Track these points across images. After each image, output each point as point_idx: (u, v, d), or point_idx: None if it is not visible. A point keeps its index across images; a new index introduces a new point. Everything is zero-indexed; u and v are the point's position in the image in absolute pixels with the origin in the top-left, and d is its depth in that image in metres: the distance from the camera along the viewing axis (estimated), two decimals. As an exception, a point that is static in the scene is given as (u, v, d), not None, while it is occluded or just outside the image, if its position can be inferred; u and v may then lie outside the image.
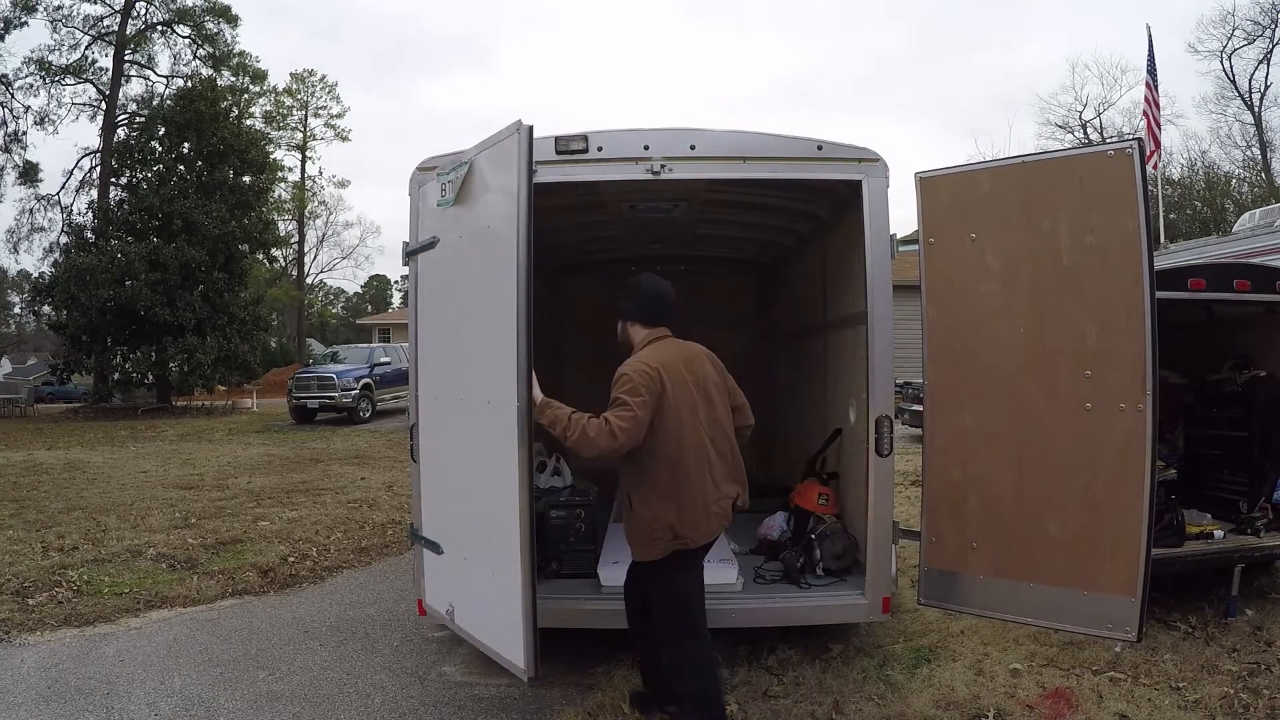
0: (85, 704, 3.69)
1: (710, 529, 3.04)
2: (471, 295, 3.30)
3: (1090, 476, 3.23)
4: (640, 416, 2.88)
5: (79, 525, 7.37)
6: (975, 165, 3.82)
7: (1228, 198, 29.97)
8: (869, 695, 3.55)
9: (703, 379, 3.13)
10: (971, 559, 3.51)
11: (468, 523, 3.39)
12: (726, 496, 3.09)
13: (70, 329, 23.01)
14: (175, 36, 29.66)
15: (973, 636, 4.18)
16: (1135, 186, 3.13)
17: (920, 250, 3.62)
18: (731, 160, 3.82)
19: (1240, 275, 4.42)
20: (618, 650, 3.94)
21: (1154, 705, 3.39)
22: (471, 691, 3.76)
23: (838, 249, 4.77)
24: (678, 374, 3.05)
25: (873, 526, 3.76)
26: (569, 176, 3.84)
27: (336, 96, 44.66)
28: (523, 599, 2.93)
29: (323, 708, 3.63)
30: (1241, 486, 4.82)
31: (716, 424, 3.11)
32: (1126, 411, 3.14)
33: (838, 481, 4.70)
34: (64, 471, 11.16)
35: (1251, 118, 30.85)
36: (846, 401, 4.52)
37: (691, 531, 2.98)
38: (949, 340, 3.57)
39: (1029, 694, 3.54)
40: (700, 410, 3.06)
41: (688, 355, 3.17)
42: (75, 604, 5.06)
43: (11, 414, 23.42)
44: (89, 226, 25.06)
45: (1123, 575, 3.15)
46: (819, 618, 3.98)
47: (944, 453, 3.59)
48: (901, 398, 12.23)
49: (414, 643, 4.41)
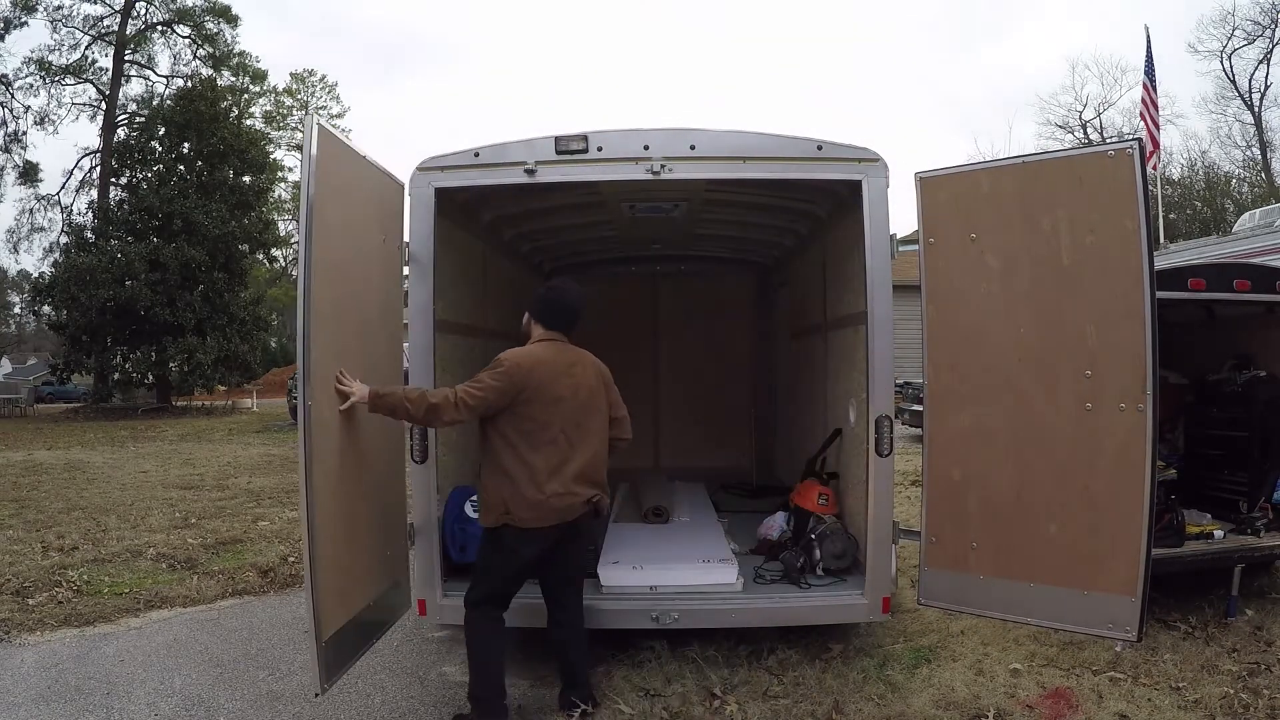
0: (85, 704, 3.69)
1: (544, 518, 3.24)
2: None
3: (1090, 476, 3.23)
4: (489, 398, 3.18)
5: (79, 525, 7.37)
6: (975, 165, 3.82)
7: (1228, 198, 29.97)
8: (869, 695, 3.55)
9: (579, 386, 3.36)
10: (971, 559, 3.51)
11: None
12: (574, 494, 3.29)
13: (70, 329, 23.03)
14: (175, 36, 29.70)
15: (973, 636, 4.18)
16: (1135, 186, 3.14)
17: (920, 250, 3.62)
18: (731, 160, 3.82)
19: (1240, 275, 4.42)
20: (617, 650, 3.94)
21: (1154, 705, 3.39)
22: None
23: (838, 249, 4.77)
24: (550, 374, 3.29)
25: (873, 526, 3.76)
26: (569, 176, 3.84)
27: (336, 96, 44.50)
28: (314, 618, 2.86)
29: (323, 708, 3.63)
30: (1241, 486, 4.82)
31: (581, 428, 3.34)
32: (1126, 411, 3.14)
33: (838, 481, 4.70)
34: (64, 471, 11.17)
35: (1251, 118, 30.87)
36: (846, 401, 4.52)
37: (522, 512, 3.21)
38: (949, 340, 3.57)
39: (1029, 694, 3.54)
40: (565, 411, 3.30)
41: (570, 361, 3.40)
42: (75, 604, 5.06)
43: (11, 414, 23.44)
44: (89, 226, 25.10)
45: (1123, 575, 3.15)
46: (819, 618, 3.98)
47: (944, 453, 3.59)
48: (901, 398, 12.24)
49: (414, 643, 4.41)
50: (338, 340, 3.13)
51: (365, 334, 3.42)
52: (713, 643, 3.98)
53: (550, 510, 3.23)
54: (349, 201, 3.26)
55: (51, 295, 23.39)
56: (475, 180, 3.87)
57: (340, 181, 3.16)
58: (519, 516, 3.22)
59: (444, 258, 4.00)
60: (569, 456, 3.29)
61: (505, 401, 3.21)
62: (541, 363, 3.30)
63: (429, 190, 3.79)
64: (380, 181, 3.61)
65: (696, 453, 7.60)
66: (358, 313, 3.35)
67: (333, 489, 3.05)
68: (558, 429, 3.27)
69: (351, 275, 3.27)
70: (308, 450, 2.87)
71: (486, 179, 3.87)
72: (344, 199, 3.20)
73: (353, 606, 3.19)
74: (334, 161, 3.10)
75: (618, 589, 3.98)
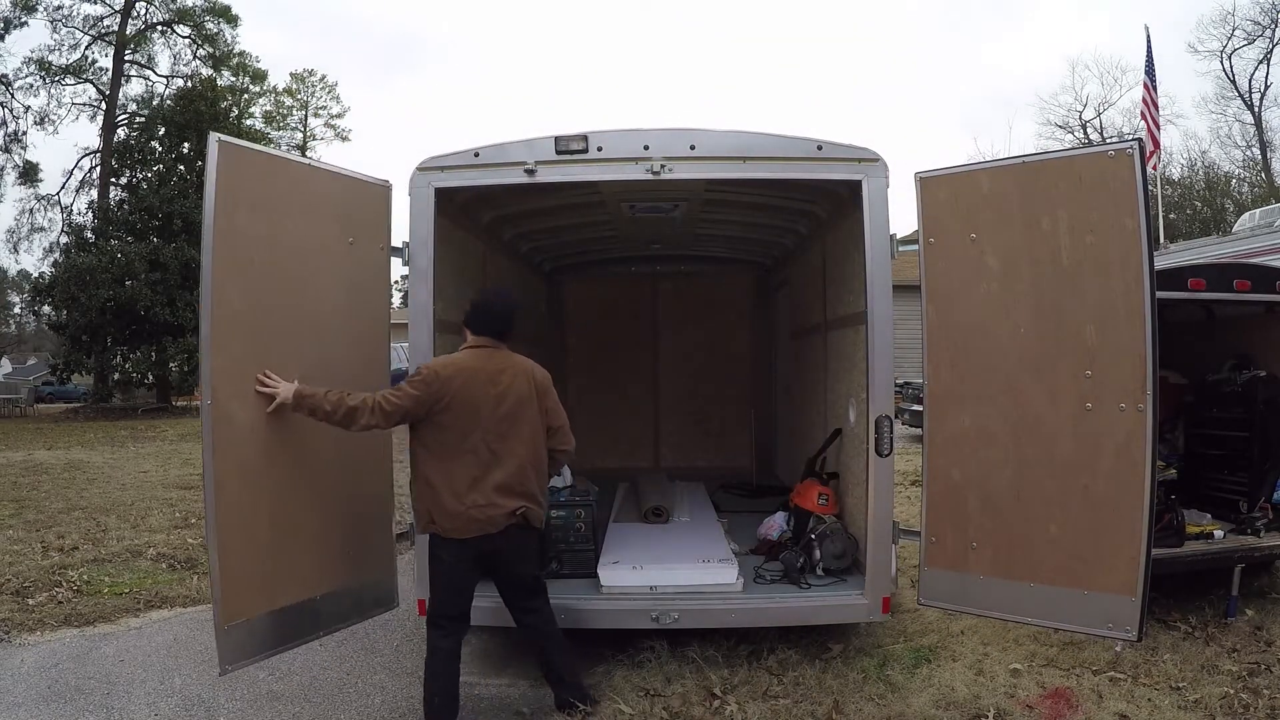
0: (85, 704, 3.69)
1: (465, 529, 3.20)
2: None
3: (1090, 476, 3.23)
4: (405, 405, 3.19)
5: (79, 525, 7.37)
6: (975, 165, 3.83)
7: (1228, 198, 29.95)
8: (869, 695, 3.55)
9: (505, 395, 3.28)
10: (971, 559, 3.51)
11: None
12: (495, 505, 3.21)
13: (70, 329, 22.99)
14: (175, 36, 29.63)
15: (973, 636, 4.18)
16: (1135, 186, 3.14)
17: (920, 250, 3.62)
18: (731, 160, 3.82)
19: (1240, 275, 4.43)
20: (617, 650, 3.94)
21: (1154, 705, 3.39)
22: (471, 691, 3.76)
23: (838, 249, 4.77)
24: (473, 381, 3.25)
25: (873, 526, 3.76)
26: (569, 176, 3.84)
27: (336, 96, 44.52)
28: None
29: (323, 708, 3.63)
30: (1241, 486, 4.82)
31: (505, 438, 3.26)
32: (1126, 411, 3.14)
33: (838, 481, 4.70)
34: (64, 471, 11.16)
35: (1251, 118, 30.82)
36: (846, 401, 4.52)
37: (445, 521, 3.21)
38: (949, 340, 3.57)
39: (1029, 694, 3.54)
40: (486, 420, 3.23)
41: (498, 368, 3.33)
42: (75, 604, 5.06)
43: (11, 414, 23.42)
44: (89, 226, 25.06)
45: (1123, 575, 3.15)
46: (819, 618, 3.98)
47: (944, 453, 3.59)
48: (901, 398, 12.25)
49: (414, 643, 4.41)
50: (259, 342, 3.21)
51: (311, 337, 3.43)
52: (713, 643, 3.98)
53: (470, 521, 3.18)
54: (278, 209, 3.30)
55: (51, 295, 23.37)
56: (475, 180, 3.87)
57: (263, 191, 3.24)
58: (442, 526, 3.22)
59: (444, 258, 3.99)
60: (491, 467, 3.22)
61: (423, 410, 3.19)
62: (463, 370, 3.26)
63: (429, 190, 3.79)
64: (341, 186, 3.62)
65: (696, 453, 7.61)
66: (295, 316, 3.37)
67: (252, 485, 3.16)
68: (478, 438, 3.22)
69: (284, 279, 3.31)
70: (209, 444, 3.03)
71: (486, 179, 3.87)
72: (269, 208, 3.26)
73: (281, 598, 3.26)
74: (249, 172, 3.20)
75: (618, 589, 3.98)
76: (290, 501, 3.31)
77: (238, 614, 3.10)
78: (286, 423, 3.27)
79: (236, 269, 3.12)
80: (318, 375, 3.31)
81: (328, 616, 3.48)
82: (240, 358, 3.13)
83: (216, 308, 3.06)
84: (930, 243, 3.61)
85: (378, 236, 3.71)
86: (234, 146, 3.20)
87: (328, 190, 3.54)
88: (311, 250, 3.42)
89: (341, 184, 3.63)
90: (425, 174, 3.81)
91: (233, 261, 3.11)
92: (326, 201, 3.51)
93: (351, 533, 3.57)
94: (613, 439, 7.57)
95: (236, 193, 3.13)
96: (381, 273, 3.74)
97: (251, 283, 3.17)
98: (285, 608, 3.27)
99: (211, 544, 3.03)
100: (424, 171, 3.81)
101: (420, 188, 3.80)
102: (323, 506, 3.45)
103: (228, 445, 3.08)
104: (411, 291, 3.83)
